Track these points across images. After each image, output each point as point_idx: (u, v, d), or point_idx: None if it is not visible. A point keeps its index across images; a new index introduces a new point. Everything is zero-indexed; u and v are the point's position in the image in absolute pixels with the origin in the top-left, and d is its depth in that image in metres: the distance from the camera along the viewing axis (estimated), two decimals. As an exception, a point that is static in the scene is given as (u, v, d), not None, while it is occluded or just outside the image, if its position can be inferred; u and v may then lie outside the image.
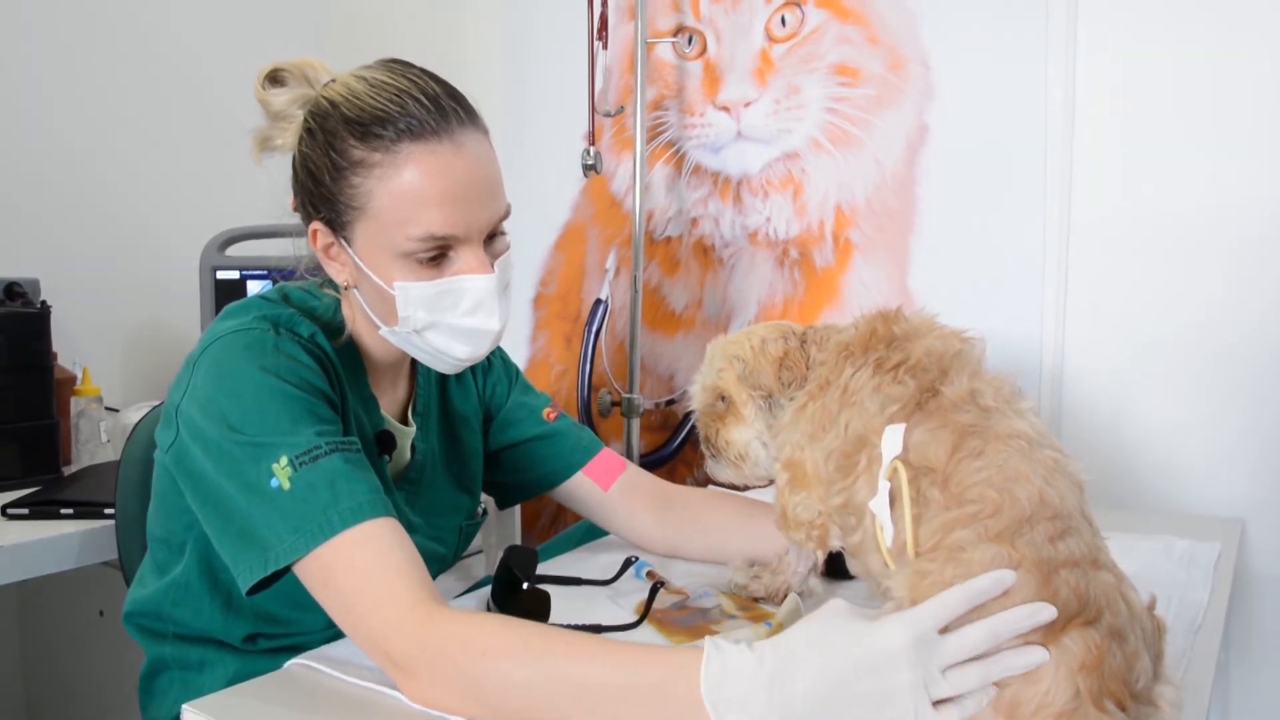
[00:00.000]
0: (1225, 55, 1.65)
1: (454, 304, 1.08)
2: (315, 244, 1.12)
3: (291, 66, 1.10)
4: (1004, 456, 0.89)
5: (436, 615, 0.91)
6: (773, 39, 2.07)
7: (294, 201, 1.14)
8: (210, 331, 1.09)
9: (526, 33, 2.46)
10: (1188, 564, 1.38)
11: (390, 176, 1.03)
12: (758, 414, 1.15)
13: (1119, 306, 1.77)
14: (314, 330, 1.12)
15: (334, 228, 1.09)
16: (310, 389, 1.04)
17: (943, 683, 0.78)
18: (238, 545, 0.98)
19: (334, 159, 1.05)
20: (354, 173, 1.04)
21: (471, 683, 0.87)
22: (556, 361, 2.46)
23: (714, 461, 1.21)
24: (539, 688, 0.85)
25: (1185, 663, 1.04)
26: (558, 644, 0.87)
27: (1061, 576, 0.82)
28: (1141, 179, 1.73)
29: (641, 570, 1.28)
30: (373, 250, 1.07)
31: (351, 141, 1.04)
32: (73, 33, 2.30)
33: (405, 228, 1.03)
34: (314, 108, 1.08)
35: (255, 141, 1.12)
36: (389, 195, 1.03)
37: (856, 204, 2.01)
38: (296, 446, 0.98)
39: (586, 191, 2.39)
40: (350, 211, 1.06)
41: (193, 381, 1.05)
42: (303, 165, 1.09)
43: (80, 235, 2.32)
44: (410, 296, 1.07)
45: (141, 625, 1.20)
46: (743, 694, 0.78)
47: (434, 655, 0.89)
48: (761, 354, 1.14)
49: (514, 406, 1.39)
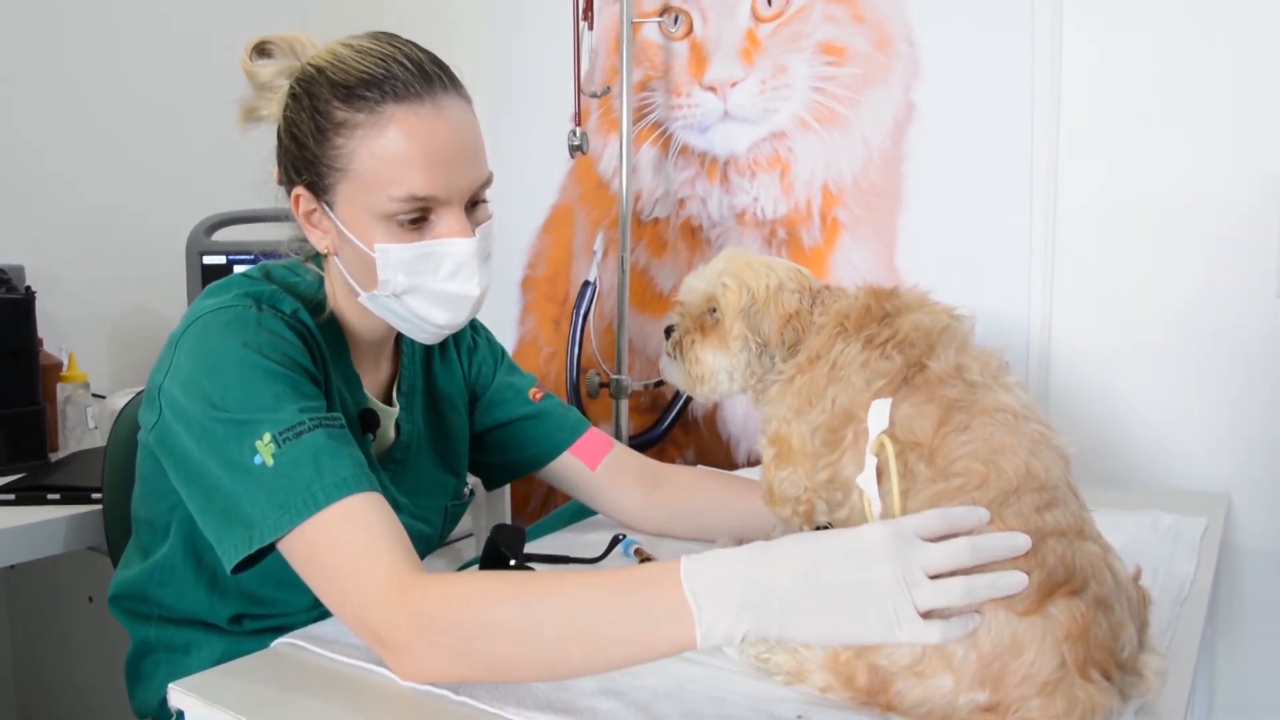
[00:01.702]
0: (1212, 35, 1.65)
1: (434, 268, 1.08)
2: (297, 210, 1.12)
3: (279, 40, 1.11)
4: (990, 430, 0.90)
5: (418, 583, 0.91)
6: (759, 18, 2.06)
7: (278, 172, 1.14)
8: (192, 310, 1.08)
9: (512, 14, 2.45)
10: (1174, 538, 1.38)
11: (373, 137, 1.03)
12: (742, 350, 1.12)
13: (1106, 284, 1.77)
14: (297, 306, 1.12)
15: (316, 192, 1.09)
16: (293, 365, 1.04)
17: (927, 586, 0.78)
18: (221, 523, 0.98)
19: (318, 120, 1.05)
20: (337, 134, 1.05)
21: (459, 638, 0.87)
22: (545, 344, 2.46)
23: (671, 362, 1.18)
24: (526, 623, 0.85)
25: (1170, 634, 1.04)
26: (537, 580, 0.89)
27: (1049, 545, 0.82)
28: (1129, 158, 1.73)
29: (629, 548, 1.28)
30: (354, 212, 1.07)
31: (335, 103, 1.05)
32: (55, 17, 2.28)
33: (387, 188, 1.04)
34: (300, 74, 1.09)
35: (241, 111, 1.13)
36: (371, 156, 1.04)
37: (844, 183, 2.01)
38: (280, 423, 0.97)
39: (573, 173, 2.38)
40: (333, 173, 1.06)
41: (175, 360, 1.04)
42: (287, 130, 1.10)
43: (65, 221, 2.30)
44: (390, 259, 1.07)
45: (127, 608, 1.20)
46: (720, 578, 0.80)
47: (419, 621, 0.88)
48: (775, 300, 1.10)
49: (500, 387, 1.39)
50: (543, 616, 0.85)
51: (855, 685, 0.85)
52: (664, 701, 0.88)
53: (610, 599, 0.84)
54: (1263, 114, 1.62)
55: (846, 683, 0.85)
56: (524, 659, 0.86)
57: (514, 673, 0.89)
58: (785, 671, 0.91)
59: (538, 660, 0.86)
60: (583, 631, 0.84)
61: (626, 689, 0.90)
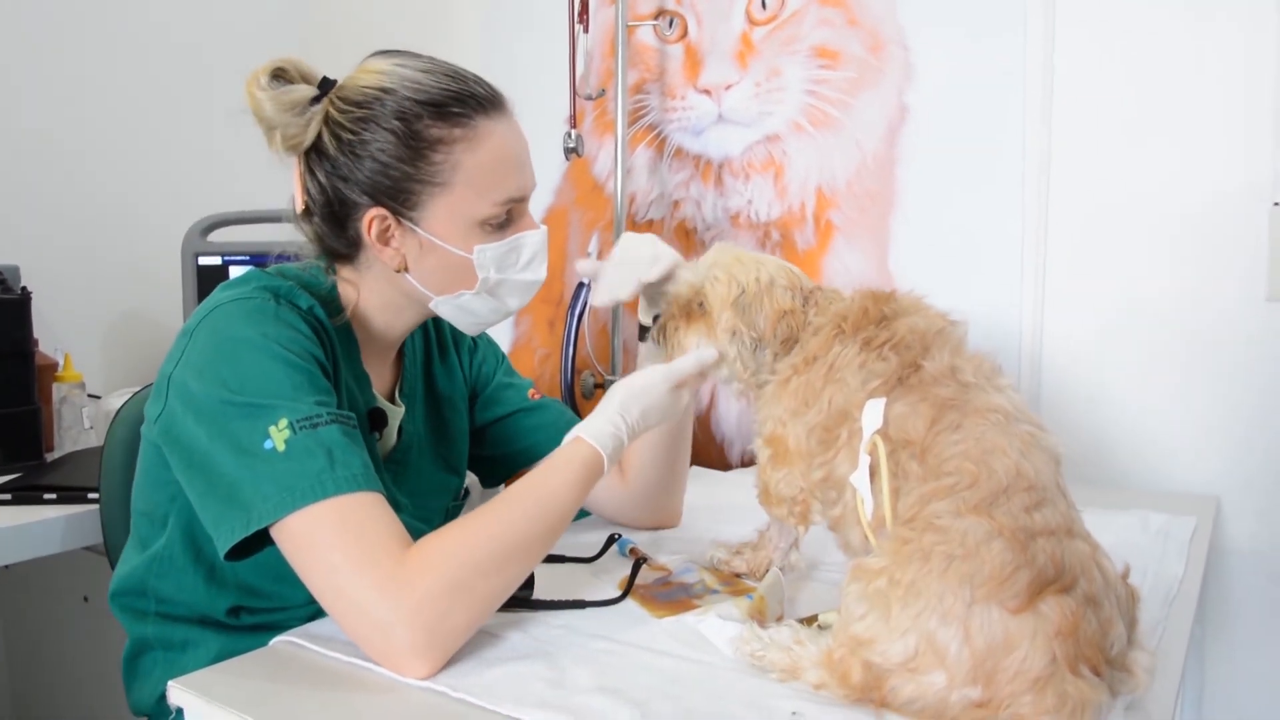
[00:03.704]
0: (1201, 42, 1.66)
1: (516, 259, 1.17)
2: (369, 233, 1.12)
3: (287, 64, 1.11)
4: (981, 430, 0.91)
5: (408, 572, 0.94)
6: (753, 22, 2.07)
7: (304, 199, 1.15)
8: (208, 301, 1.09)
9: (507, 16, 2.46)
10: (1163, 538, 1.40)
11: (472, 150, 1.10)
12: (730, 343, 1.13)
13: (1096, 287, 1.78)
14: (313, 303, 1.13)
15: (399, 211, 1.11)
16: (310, 359, 1.05)
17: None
18: (221, 507, 0.98)
19: (410, 142, 1.09)
20: (435, 150, 1.09)
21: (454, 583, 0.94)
22: (540, 345, 2.47)
23: (653, 348, 1.21)
24: (502, 543, 0.99)
25: (1160, 632, 1.06)
26: (491, 508, 1.02)
27: (1038, 544, 0.83)
28: (1119, 163, 1.74)
29: (625, 548, 1.29)
30: (448, 222, 1.12)
31: (427, 120, 1.09)
32: (52, 20, 2.28)
33: (490, 194, 1.12)
34: (355, 96, 1.10)
35: (281, 143, 1.11)
36: (474, 166, 1.11)
37: (837, 186, 2.02)
38: (298, 411, 0.98)
39: (568, 175, 2.39)
40: (428, 189, 1.10)
41: (189, 349, 1.05)
42: (350, 153, 1.10)
43: (61, 221, 2.31)
44: (486, 257, 1.14)
45: (125, 604, 1.20)
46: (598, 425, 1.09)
47: (421, 616, 0.92)
48: (768, 295, 1.12)
49: (500, 386, 1.42)
50: (509, 524, 1.00)
51: (849, 682, 0.86)
52: (659, 699, 0.88)
53: (542, 479, 1.05)
54: (1251, 120, 1.63)
55: (841, 679, 0.86)
56: (510, 572, 1.00)
57: (509, 586, 1.01)
58: (780, 669, 0.92)
59: (521, 562, 1.01)
60: (536, 515, 1.02)
61: (622, 686, 0.91)
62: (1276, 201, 1.61)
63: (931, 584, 0.82)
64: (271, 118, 1.09)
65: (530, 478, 1.05)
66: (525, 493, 1.04)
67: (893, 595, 0.84)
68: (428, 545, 0.96)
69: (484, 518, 1.00)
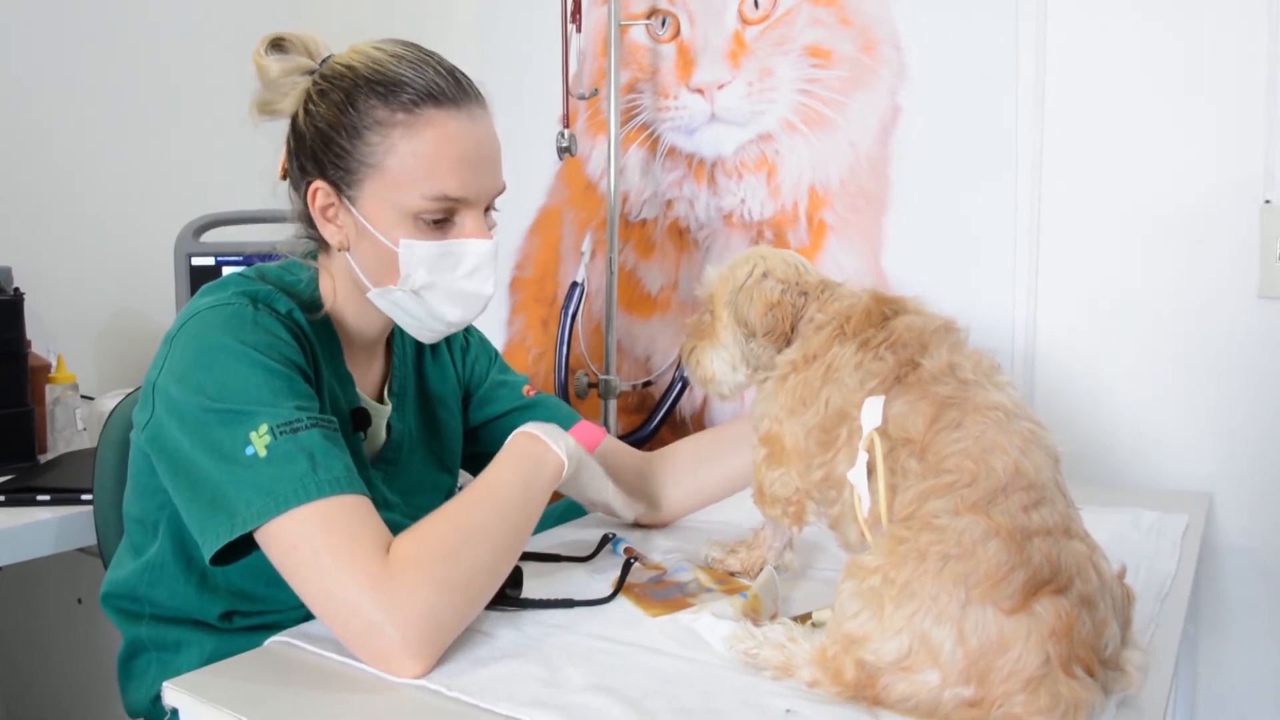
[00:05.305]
0: (1193, 40, 1.66)
1: (454, 265, 1.12)
2: (313, 204, 1.14)
3: (294, 37, 1.14)
4: (981, 428, 0.91)
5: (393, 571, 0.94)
6: (746, 21, 2.07)
7: (284, 166, 1.16)
8: (188, 308, 1.09)
9: (500, 16, 2.45)
10: (1156, 535, 1.40)
11: (410, 136, 1.08)
12: (734, 340, 1.14)
13: (1089, 285, 1.79)
14: (291, 307, 1.13)
15: (339, 187, 1.11)
16: (289, 364, 1.05)
17: None
18: (206, 513, 0.98)
19: (352, 117, 1.09)
20: (373, 131, 1.08)
21: (441, 578, 0.94)
22: (533, 345, 2.46)
23: (688, 371, 1.23)
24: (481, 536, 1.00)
25: (1152, 629, 1.06)
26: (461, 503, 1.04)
27: (1035, 544, 0.83)
28: (1112, 159, 1.75)
29: (619, 547, 1.29)
30: (380, 208, 1.10)
31: (373, 101, 1.08)
32: (46, 21, 2.27)
33: (420, 186, 1.08)
34: (327, 71, 1.12)
35: (254, 105, 1.15)
36: (408, 154, 1.08)
37: (830, 185, 2.02)
38: (278, 416, 0.98)
39: (561, 175, 2.39)
40: (363, 169, 1.09)
41: (170, 357, 1.05)
42: (310, 125, 1.12)
43: (53, 222, 2.30)
44: (414, 255, 1.11)
45: (118, 607, 1.20)
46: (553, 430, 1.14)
47: (405, 611, 0.92)
48: (756, 288, 1.12)
49: (494, 384, 1.41)
50: (482, 522, 1.01)
51: (843, 680, 0.86)
52: (653, 697, 0.88)
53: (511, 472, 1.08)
54: (1243, 117, 1.63)
55: (834, 677, 0.86)
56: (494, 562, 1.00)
57: (489, 575, 1.01)
58: (774, 666, 0.92)
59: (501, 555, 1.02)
60: (507, 512, 1.04)
61: (616, 685, 0.91)
62: (1268, 199, 1.62)
63: (926, 584, 0.82)
64: (260, 86, 1.13)
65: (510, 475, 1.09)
66: (474, 481, 1.08)
67: (887, 594, 0.84)
68: (403, 543, 0.97)
69: (442, 509, 1.02)
